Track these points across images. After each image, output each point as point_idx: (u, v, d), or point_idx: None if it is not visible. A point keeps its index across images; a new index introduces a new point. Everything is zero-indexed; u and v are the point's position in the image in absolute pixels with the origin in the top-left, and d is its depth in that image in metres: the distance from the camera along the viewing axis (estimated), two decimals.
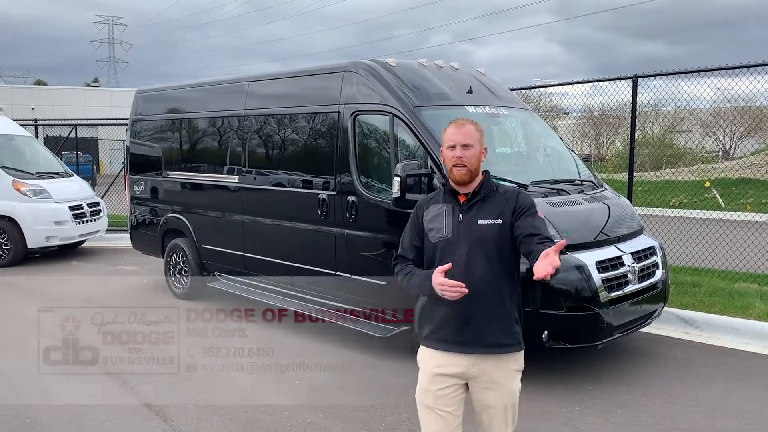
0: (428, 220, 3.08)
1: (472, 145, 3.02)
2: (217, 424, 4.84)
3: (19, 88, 47.63)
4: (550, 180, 6.37)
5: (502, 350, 2.99)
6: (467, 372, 2.98)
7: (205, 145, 8.53)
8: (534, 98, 22.65)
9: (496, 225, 2.98)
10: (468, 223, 3.00)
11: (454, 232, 3.00)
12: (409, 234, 3.18)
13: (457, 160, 2.99)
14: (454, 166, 3.00)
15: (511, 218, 2.99)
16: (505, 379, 3.01)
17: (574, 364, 5.99)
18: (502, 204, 3.03)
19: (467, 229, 2.99)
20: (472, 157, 3.01)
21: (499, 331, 2.98)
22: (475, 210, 3.02)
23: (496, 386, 2.99)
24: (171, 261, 8.94)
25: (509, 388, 3.02)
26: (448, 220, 3.03)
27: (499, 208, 3.01)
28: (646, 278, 5.96)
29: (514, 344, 3.02)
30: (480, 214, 3.00)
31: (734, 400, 5.25)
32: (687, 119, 24.33)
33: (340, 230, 6.47)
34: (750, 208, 16.61)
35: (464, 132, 3.03)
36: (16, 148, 13.02)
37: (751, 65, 8.11)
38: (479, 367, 2.97)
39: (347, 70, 6.61)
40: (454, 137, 3.02)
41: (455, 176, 3.02)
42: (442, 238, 3.01)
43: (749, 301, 7.51)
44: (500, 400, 3.00)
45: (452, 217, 3.03)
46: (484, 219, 2.99)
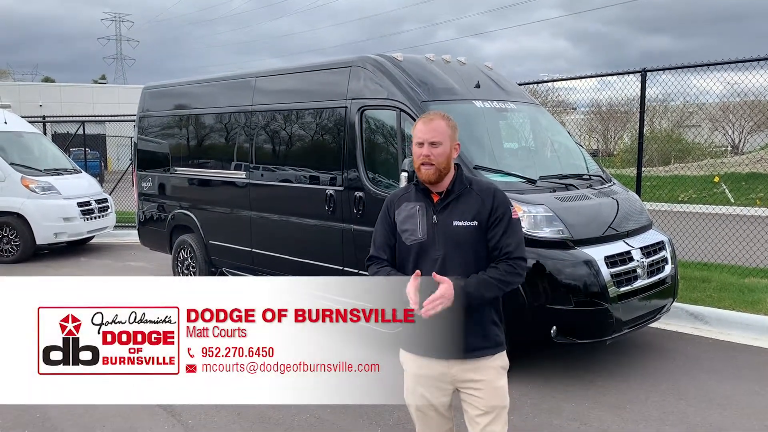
0: (401, 221, 2.93)
1: (441, 142, 2.83)
2: (226, 419, 4.85)
3: (28, 85, 47.79)
4: (558, 175, 6.33)
5: (479, 354, 2.84)
6: (449, 374, 2.85)
7: (213, 141, 8.54)
8: (542, 93, 22.55)
9: (472, 227, 2.84)
10: (442, 224, 2.85)
11: (428, 234, 2.85)
12: (382, 233, 3.00)
13: (425, 159, 2.82)
14: (421, 164, 2.84)
15: (486, 221, 2.85)
16: (489, 377, 2.86)
17: (583, 359, 5.96)
18: (478, 204, 2.87)
19: (442, 231, 2.84)
20: (440, 155, 2.82)
21: (475, 335, 2.82)
22: (449, 210, 2.87)
23: (480, 385, 2.84)
24: (179, 257, 8.95)
25: (494, 386, 2.87)
26: (422, 221, 2.88)
27: (474, 209, 2.86)
28: (655, 273, 5.92)
29: (491, 347, 2.88)
30: (455, 215, 2.85)
31: (744, 396, 5.22)
32: (696, 114, 24.19)
33: (348, 226, 6.46)
34: (760, 203, 16.50)
35: (432, 128, 2.85)
36: (25, 144, 13.05)
37: (760, 59, 8.04)
38: (459, 370, 2.84)
39: (354, 65, 6.58)
40: (422, 134, 2.85)
41: (423, 176, 2.85)
42: (417, 241, 2.86)
43: (759, 296, 7.46)
44: (488, 401, 2.85)
45: (426, 217, 2.88)
46: (459, 220, 2.84)
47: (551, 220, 5.49)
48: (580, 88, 11.45)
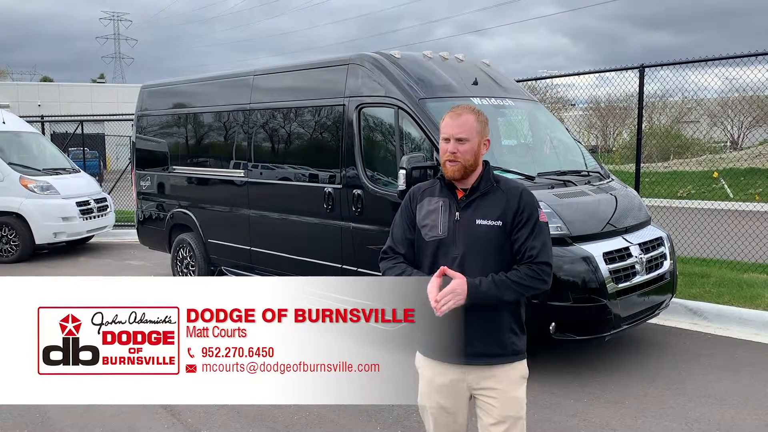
0: (422, 215, 2.80)
1: (468, 138, 2.70)
2: (225, 417, 4.86)
3: (26, 84, 47.73)
4: (556, 171, 6.34)
5: (496, 361, 2.72)
6: (465, 380, 2.75)
7: (211, 140, 8.54)
8: (540, 89, 22.54)
9: (496, 227, 2.70)
10: (465, 222, 2.72)
11: (449, 231, 2.72)
12: (401, 225, 2.86)
13: (450, 156, 2.70)
14: (447, 161, 2.72)
15: (512, 222, 2.71)
16: (506, 386, 2.74)
17: (582, 355, 5.97)
18: (503, 203, 2.73)
19: (464, 229, 2.71)
20: (467, 152, 2.70)
21: (491, 342, 2.71)
22: (473, 208, 2.74)
23: (496, 394, 2.72)
24: (178, 256, 8.96)
25: (511, 396, 2.74)
26: (443, 218, 2.75)
27: (500, 208, 2.72)
28: (654, 269, 5.93)
29: (508, 354, 2.75)
30: (478, 213, 2.72)
31: (743, 391, 5.23)
32: (694, 109, 24.20)
33: (346, 223, 6.46)
34: (758, 198, 16.53)
35: (460, 123, 2.72)
36: (23, 144, 13.05)
37: (759, 54, 8.06)
38: (476, 376, 2.74)
39: (352, 62, 6.58)
40: (449, 129, 2.73)
41: (448, 173, 2.74)
42: (436, 238, 2.73)
43: (758, 291, 7.47)
44: (503, 411, 2.73)
45: (448, 214, 2.75)
46: (483, 219, 2.71)
47: (549, 217, 5.48)
48: (579, 85, 11.51)
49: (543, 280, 2.73)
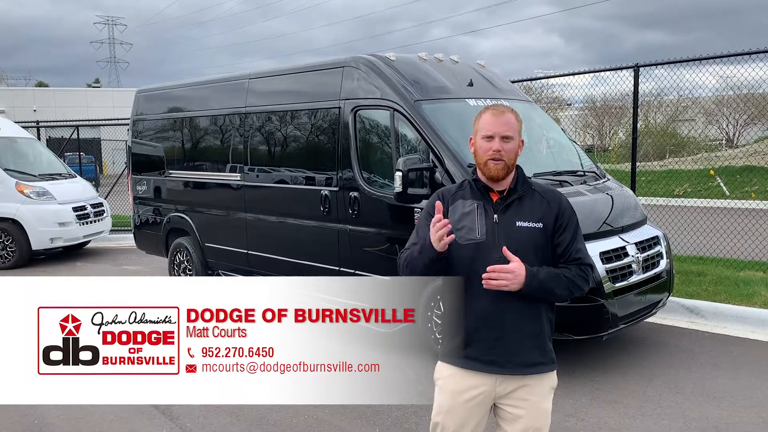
0: (456, 219, 2.66)
1: (512, 137, 2.63)
2: (224, 421, 4.86)
3: (21, 90, 47.67)
4: (552, 171, 6.34)
5: (535, 370, 2.65)
6: (494, 391, 2.65)
7: (207, 144, 8.54)
8: (536, 90, 22.63)
9: (537, 229, 2.64)
10: (505, 224, 2.63)
11: (488, 234, 2.62)
12: (425, 227, 2.65)
13: (495, 154, 2.60)
14: (490, 159, 2.61)
15: (553, 226, 2.67)
16: (537, 397, 2.66)
17: (580, 355, 5.99)
18: (544, 206, 2.69)
19: (504, 231, 2.62)
20: (511, 151, 2.63)
21: (533, 348, 2.65)
22: (512, 210, 2.66)
23: (526, 405, 2.64)
24: (175, 260, 8.95)
25: (540, 408, 2.67)
26: (481, 220, 2.64)
27: (540, 211, 2.67)
28: (651, 268, 5.95)
29: (548, 363, 2.69)
30: (518, 216, 2.65)
31: (741, 389, 5.24)
32: (690, 108, 24.25)
33: (343, 226, 6.47)
34: (754, 196, 16.57)
35: (504, 121, 2.64)
36: (19, 150, 13.02)
37: (753, 52, 8.08)
38: (508, 385, 2.64)
39: (347, 65, 6.59)
40: (493, 127, 2.63)
41: (491, 172, 2.63)
42: (474, 241, 2.62)
43: (755, 289, 7.49)
44: (529, 422, 2.65)
45: (485, 217, 2.65)
46: (524, 221, 2.64)
47: None
48: (575, 84, 11.53)
49: (588, 281, 2.74)
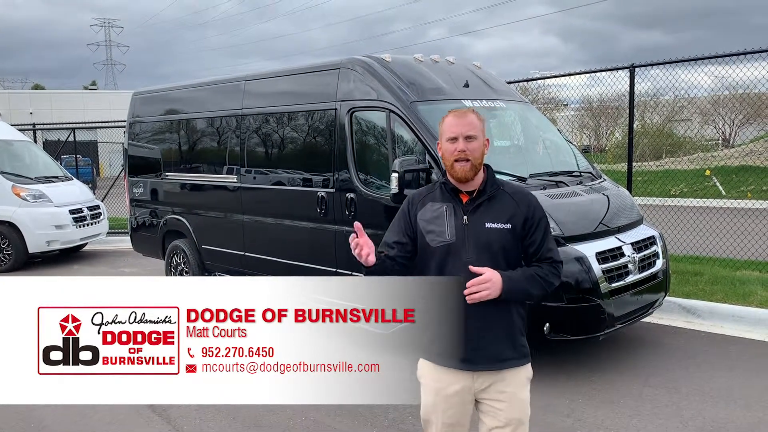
0: (426, 221, 2.75)
1: (476, 136, 2.69)
2: (221, 423, 4.86)
3: (18, 93, 47.62)
4: (548, 172, 6.37)
5: (508, 365, 2.73)
6: (473, 386, 2.73)
7: (204, 146, 8.54)
8: (532, 90, 22.63)
9: (506, 230, 2.69)
10: (474, 226, 2.69)
11: (458, 236, 2.68)
12: (395, 231, 2.83)
13: (460, 154, 2.66)
14: (456, 160, 2.68)
15: (522, 227, 2.73)
16: (513, 388, 2.74)
17: (576, 355, 6.00)
18: (512, 207, 2.74)
19: (473, 233, 2.68)
20: (475, 150, 2.68)
21: (504, 344, 2.72)
22: (481, 211, 2.71)
23: (504, 397, 2.72)
24: (172, 262, 8.95)
25: (518, 399, 2.75)
26: (450, 222, 2.71)
27: (509, 211, 2.72)
28: (647, 268, 5.96)
29: (520, 357, 2.77)
30: (487, 217, 2.70)
31: (737, 388, 5.26)
32: (686, 108, 24.31)
33: (340, 227, 6.48)
34: (750, 196, 16.61)
35: (466, 122, 2.70)
36: (15, 153, 13.02)
37: (748, 52, 8.11)
38: (485, 381, 2.72)
39: (343, 66, 6.60)
40: (456, 128, 2.69)
41: (457, 173, 2.69)
42: (444, 243, 2.69)
43: (751, 288, 7.51)
44: (510, 413, 2.72)
45: (455, 218, 2.71)
46: (493, 222, 2.69)
47: None
48: (571, 85, 11.54)
49: (559, 276, 2.84)
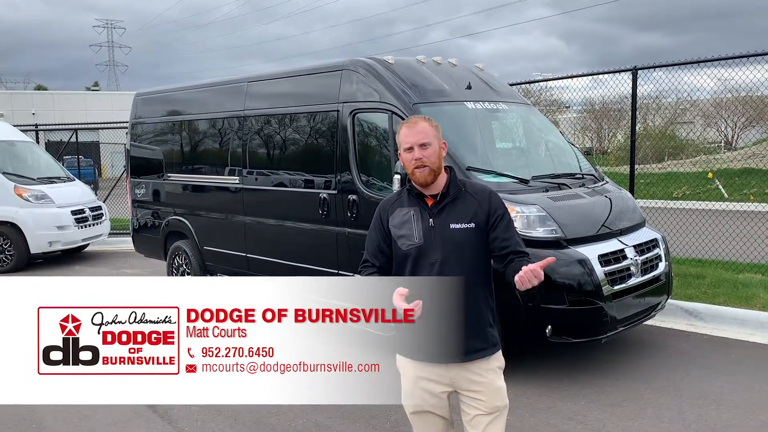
0: (395, 226, 2.91)
1: (430, 143, 2.83)
2: (222, 425, 4.85)
3: (20, 93, 47.61)
4: (551, 174, 6.35)
5: (478, 355, 2.84)
6: (448, 377, 2.85)
7: (206, 147, 8.54)
8: (535, 92, 22.64)
9: (470, 229, 2.84)
10: (439, 227, 2.84)
11: (425, 238, 2.83)
12: (374, 240, 2.99)
13: (417, 162, 2.81)
14: (415, 168, 2.82)
15: (485, 223, 2.86)
16: (489, 378, 2.86)
17: (579, 358, 5.98)
18: (474, 206, 2.88)
19: (439, 234, 2.83)
20: (431, 155, 2.83)
21: (474, 336, 2.81)
22: (446, 213, 2.86)
23: (480, 387, 2.84)
24: (173, 263, 8.94)
25: (495, 386, 2.87)
26: (417, 226, 2.86)
27: (471, 211, 2.87)
28: (649, 271, 5.95)
29: (488, 347, 2.89)
30: (452, 218, 2.85)
31: (740, 391, 5.24)
32: (689, 110, 24.28)
33: (342, 229, 6.47)
34: (753, 198, 16.57)
35: (418, 131, 2.84)
36: (17, 153, 13.03)
37: (751, 54, 8.10)
38: (458, 373, 2.84)
39: (345, 68, 6.60)
40: (409, 138, 2.84)
41: (418, 179, 2.84)
42: (413, 245, 2.84)
43: (754, 291, 7.49)
44: (489, 402, 2.84)
45: (422, 222, 2.86)
46: (457, 223, 2.84)
47: (544, 220, 5.51)
48: (573, 87, 11.48)
49: None
